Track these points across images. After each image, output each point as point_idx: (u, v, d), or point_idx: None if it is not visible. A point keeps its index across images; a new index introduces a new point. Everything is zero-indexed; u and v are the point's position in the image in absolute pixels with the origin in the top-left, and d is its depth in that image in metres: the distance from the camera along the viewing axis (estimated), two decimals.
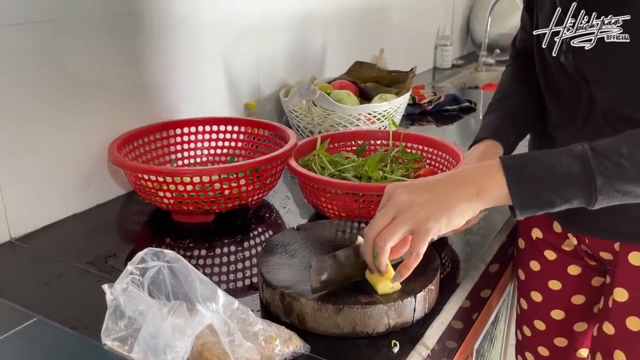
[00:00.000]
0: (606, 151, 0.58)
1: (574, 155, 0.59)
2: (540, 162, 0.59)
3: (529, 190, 0.58)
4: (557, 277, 0.91)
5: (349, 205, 0.87)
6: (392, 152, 1.05)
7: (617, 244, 0.79)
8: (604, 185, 0.57)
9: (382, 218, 0.60)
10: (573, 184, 0.58)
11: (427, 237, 0.58)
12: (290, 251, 0.73)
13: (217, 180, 0.88)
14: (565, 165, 0.58)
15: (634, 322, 0.77)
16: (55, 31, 0.88)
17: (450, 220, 0.58)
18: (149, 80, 1.07)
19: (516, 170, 0.59)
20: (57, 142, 0.92)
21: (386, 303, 0.61)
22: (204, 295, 0.48)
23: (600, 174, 0.57)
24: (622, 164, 0.57)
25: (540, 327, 0.95)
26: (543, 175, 0.58)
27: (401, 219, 0.59)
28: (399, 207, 0.59)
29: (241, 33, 1.27)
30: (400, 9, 1.95)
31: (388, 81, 1.45)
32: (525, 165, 0.59)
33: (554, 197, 0.58)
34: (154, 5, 1.05)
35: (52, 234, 0.91)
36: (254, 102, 1.32)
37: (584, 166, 0.57)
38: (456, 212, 0.59)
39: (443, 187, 0.60)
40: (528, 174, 0.59)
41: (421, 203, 0.58)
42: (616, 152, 0.58)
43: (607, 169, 0.57)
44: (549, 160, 0.59)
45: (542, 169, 0.59)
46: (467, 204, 0.59)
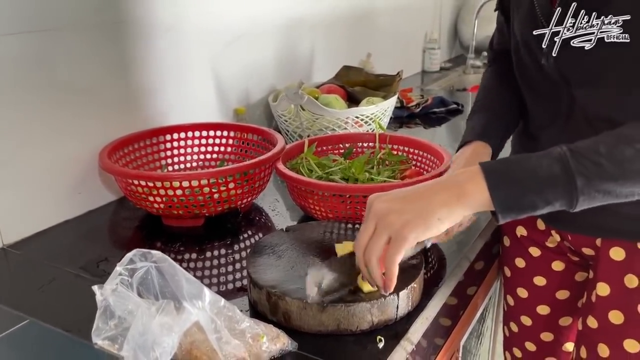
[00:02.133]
0: (585, 152, 0.59)
1: (553, 157, 0.59)
2: (520, 166, 0.60)
3: (510, 193, 0.58)
4: (541, 273, 0.93)
5: (337, 206, 0.89)
6: (378, 154, 1.07)
7: (599, 240, 0.81)
8: (585, 186, 0.58)
9: (365, 231, 0.60)
10: (554, 185, 0.58)
11: (403, 244, 0.58)
12: (278, 252, 0.75)
13: (207, 185, 0.90)
14: (545, 168, 0.58)
15: (616, 315, 0.79)
16: (46, 41, 0.90)
17: (428, 226, 0.58)
18: (138, 87, 1.09)
19: (497, 175, 0.59)
20: (48, 150, 0.93)
21: (369, 301, 0.63)
22: (191, 294, 0.49)
23: (580, 174, 0.57)
24: (601, 164, 0.58)
25: (527, 322, 0.97)
26: (524, 178, 0.59)
27: (381, 227, 0.59)
28: (378, 216, 0.59)
29: (230, 39, 1.29)
30: (388, 13, 1.98)
31: (375, 85, 1.47)
32: (505, 169, 0.60)
33: (536, 200, 0.58)
34: (143, 14, 1.06)
35: (44, 240, 0.92)
36: (243, 107, 1.34)
37: (563, 167, 0.58)
38: (435, 217, 0.58)
39: (422, 194, 0.60)
40: (509, 178, 0.59)
41: (398, 210, 0.58)
42: (595, 152, 0.59)
43: (587, 168, 0.58)
44: (529, 163, 0.60)
45: (522, 172, 0.59)
46: (447, 209, 0.59)
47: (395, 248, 0.58)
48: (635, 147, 0.59)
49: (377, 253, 0.59)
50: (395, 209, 0.59)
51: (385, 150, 1.08)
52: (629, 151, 0.58)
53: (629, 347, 0.78)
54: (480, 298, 0.98)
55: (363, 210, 0.88)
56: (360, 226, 0.67)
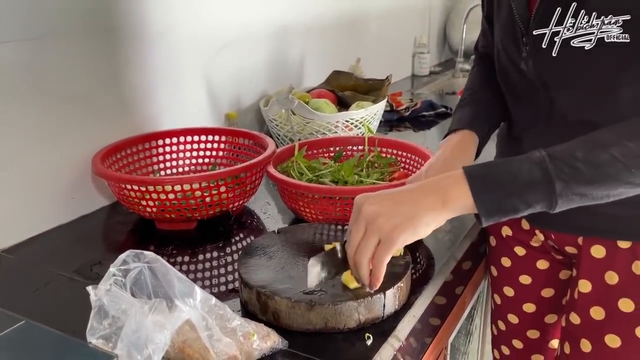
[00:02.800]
0: (563, 156, 0.61)
1: (533, 162, 0.61)
2: (502, 171, 0.62)
3: (493, 197, 0.61)
4: (527, 272, 0.96)
5: (326, 208, 0.91)
6: (367, 157, 1.09)
7: (580, 239, 0.84)
8: (563, 189, 0.60)
9: (356, 233, 0.62)
10: (534, 189, 0.60)
11: (392, 247, 0.60)
12: (269, 253, 0.77)
13: (199, 188, 0.91)
14: (526, 173, 0.60)
15: (597, 311, 0.82)
16: (38, 49, 0.91)
17: (416, 230, 0.60)
18: (131, 93, 1.10)
19: (480, 179, 0.61)
20: (41, 156, 0.95)
21: (356, 300, 0.65)
22: (182, 292, 0.51)
23: (559, 179, 0.60)
24: (578, 168, 0.60)
25: (514, 320, 0.99)
26: (505, 182, 0.61)
27: (371, 230, 0.61)
28: (367, 219, 0.61)
29: (221, 45, 1.31)
30: (377, 19, 2.01)
31: (365, 89, 1.49)
32: (488, 173, 0.62)
33: (518, 203, 0.60)
34: (135, 20, 1.08)
35: (38, 245, 0.93)
36: (235, 112, 1.36)
37: (543, 172, 0.60)
38: (422, 222, 0.60)
39: (409, 197, 0.62)
40: (491, 182, 0.61)
41: (388, 214, 0.60)
42: (572, 156, 0.61)
43: (565, 173, 0.60)
44: (510, 167, 0.62)
45: (504, 177, 0.61)
46: (434, 213, 0.61)
47: (384, 250, 0.60)
48: (610, 152, 0.61)
49: (368, 254, 0.61)
50: (384, 212, 0.61)
51: (374, 153, 1.10)
52: (604, 156, 0.61)
53: (610, 342, 0.80)
54: (468, 297, 1.00)
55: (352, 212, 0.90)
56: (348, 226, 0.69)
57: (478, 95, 0.94)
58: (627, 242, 0.78)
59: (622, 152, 0.61)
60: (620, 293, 0.79)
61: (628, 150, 0.61)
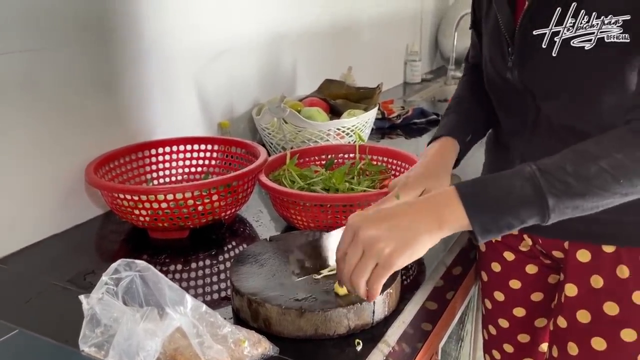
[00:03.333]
0: (553, 170, 0.62)
1: (524, 177, 0.62)
2: (494, 188, 0.62)
3: (487, 217, 0.61)
4: (516, 277, 0.97)
5: (318, 216, 0.92)
6: (358, 164, 1.10)
7: (567, 243, 0.85)
8: (555, 204, 0.61)
9: (353, 256, 0.62)
10: (528, 206, 0.61)
11: (391, 270, 0.61)
12: (261, 261, 0.78)
13: (191, 197, 0.92)
14: (518, 189, 0.61)
15: (583, 315, 0.83)
16: (33, 60, 0.92)
17: (414, 252, 0.61)
18: (124, 103, 1.11)
19: (473, 199, 0.61)
20: (35, 165, 0.95)
21: (345, 306, 0.66)
22: (173, 300, 0.52)
23: (550, 194, 0.61)
24: (569, 182, 0.61)
25: (504, 325, 1.01)
26: (499, 200, 0.61)
27: (369, 255, 0.61)
28: (366, 243, 0.61)
29: (213, 55, 1.32)
30: (369, 27, 2.03)
31: (356, 97, 1.51)
32: (480, 192, 0.62)
33: (512, 220, 0.61)
34: (127, 30, 1.09)
35: (32, 255, 0.94)
36: (227, 121, 1.37)
37: (535, 188, 0.61)
38: (420, 245, 0.61)
39: (406, 220, 0.62)
40: (484, 201, 0.62)
41: (386, 238, 0.60)
42: (563, 170, 0.62)
43: (556, 188, 0.61)
44: (501, 184, 0.62)
45: (497, 194, 0.62)
46: (429, 235, 0.61)
47: (382, 273, 0.61)
48: (599, 165, 0.62)
49: (366, 277, 0.62)
50: (382, 236, 0.61)
51: (365, 161, 1.11)
52: (593, 169, 0.62)
53: (596, 345, 0.82)
54: (459, 302, 1.01)
55: (344, 219, 0.91)
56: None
57: (463, 104, 0.97)
58: (611, 247, 0.80)
59: (610, 164, 0.62)
60: (605, 296, 0.81)
61: (616, 162, 0.62)
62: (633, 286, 0.79)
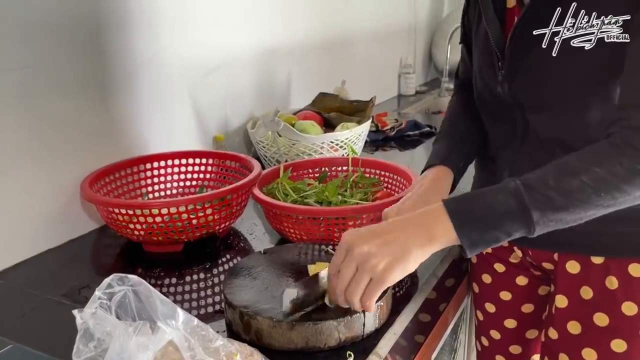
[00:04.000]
0: (536, 185, 0.64)
1: (509, 192, 0.64)
2: (480, 203, 0.65)
3: (474, 232, 0.63)
4: (507, 288, 0.98)
5: (311, 228, 0.93)
6: (351, 177, 1.12)
7: (556, 255, 0.86)
8: (540, 218, 0.63)
9: (347, 272, 0.64)
10: (513, 220, 0.63)
11: (385, 285, 0.63)
12: (254, 274, 0.79)
13: (185, 211, 0.93)
14: (503, 204, 0.64)
15: (573, 326, 0.84)
16: (28, 76, 0.94)
17: (406, 268, 0.63)
18: (119, 117, 1.13)
19: (460, 214, 0.64)
20: (31, 180, 0.96)
21: (336, 319, 0.67)
22: (165, 314, 0.53)
23: (534, 208, 0.63)
24: (551, 196, 0.63)
25: (496, 336, 1.01)
26: (485, 215, 0.64)
27: (364, 270, 0.63)
28: (359, 260, 0.63)
29: (208, 69, 1.34)
30: (363, 40, 2.05)
31: (350, 110, 1.53)
32: (467, 207, 0.65)
33: (498, 234, 0.64)
34: (123, 45, 1.11)
35: (27, 269, 0.94)
36: (222, 135, 1.39)
37: (519, 202, 0.63)
38: (412, 259, 0.63)
39: (398, 236, 0.64)
40: (471, 217, 0.64)
41: (379, 254, 0.62)
42: (545, 185, 0.64)
43: (540, 202, 0.63)
44: (487, 199, 0.65)
45: (483, 210, 0.64)
46: (421, 250, 0.64)
47: (376, 289, 0.63)
48: (580, 179, 0.64)
49: (360, 292, 0.63)
50: (376, 252, 0.63)
51: (358, 174, 1.12)
52: (575, 183, 0.64)
53: (587, 355, 0.82)
54: (451, 314, 1.02)
55: (336, 232, 0.92)
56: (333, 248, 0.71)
57: (454, 127, 0.97)
58: (600, 258, 0.81)
59: (591, 178, 0.64)
60: (595, 308, 0.82)
61: (596, 176, 0.64)
62: (622, 297, 0.80)
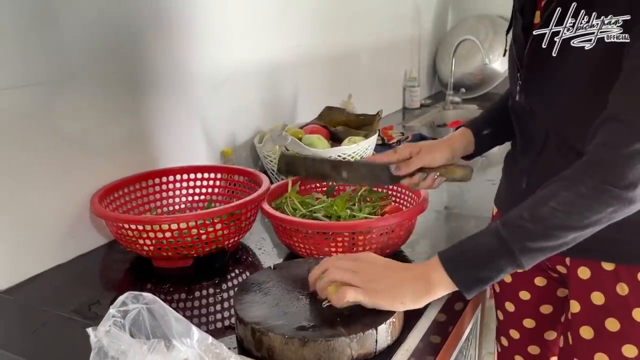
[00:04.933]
0: (512, 220, 0.68)
1: (490, 233, 0.68)
2: (468, 248, 0.70)
3: (466, 275, 0.68)
4: (526, 288, 0.99)
5: (320, 243, 0.93)
6: (359, 191, 1.12)
7: (568, 259, 0.87)
8: (521, 250, 0.66)
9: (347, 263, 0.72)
10: (498, 257, 0.67)
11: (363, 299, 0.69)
12: (265, 289, 0.79)
13: (195, 226, 0.94)
14: (486, 245, 0.68)
15: (586, 331, 0.85)
16: (41, 93, 0.95)
17: (392, 306, 0.70)
18: (129, 134, 1.13)
19: (452, 262, 0.69)
20: (40, 196, 0.97)
21: (348, 335, 0.66)
22: (179, 332, 0.53)
23: (512, 241, 0.66)
24: (526, 227, 0.66)
25: (515, 336, 1.02)
26: (471, 259, 0.68)
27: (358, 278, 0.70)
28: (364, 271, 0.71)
29: (216, 84, 1.35)
30: (368, 54, 2.07)
31: (357, 124, 1.53)
32: (457, 254, 0.70)
33: (489, 273, 0.67)
34: (134, 63, 1.12)
35: (37, 285, 0.94)
36: (230, 149, 1.39)
37: (499, 240, 0.67)
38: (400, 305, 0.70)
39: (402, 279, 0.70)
40: (461, 262, 0.69)
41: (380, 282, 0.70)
42: (520, 218, 0.67)
43: (517, 234, 0.66)
44: (474, 243, 0.69)
45: (469, 253, 0.69)
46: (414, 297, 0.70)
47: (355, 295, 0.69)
48: (549, 205, 0.66)
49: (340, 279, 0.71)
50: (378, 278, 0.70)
51: (366, 187, 1.12)
52: (545, 209, 0.66)
53: None
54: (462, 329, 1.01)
55: (346, 247, 0.92)
56: None
57: (494, 106, 1.04)
58: (610, 264, 0.81)
59: (559, 202, 0.66)
60: (606, 313, 0.82)
61: (564, 199, 0.66)
62: (633, 303, 0.80)
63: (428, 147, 0.96)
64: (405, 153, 0.95)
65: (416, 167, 0.94)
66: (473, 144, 1.00)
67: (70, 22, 0.98)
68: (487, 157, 1.58)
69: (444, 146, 0.97)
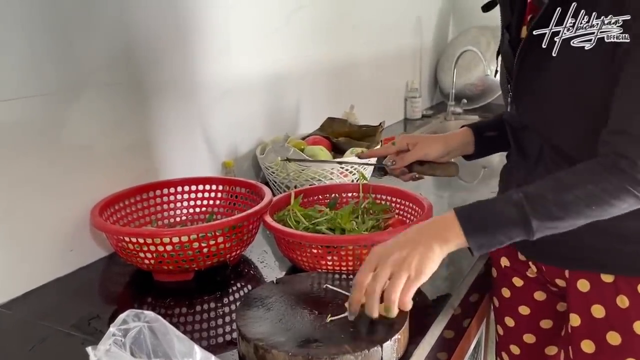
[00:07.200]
0: (537, 198, 0.71)
1: (512, 202, 0.71)
2: (486, 211, 0.73)
3: (480, 235, 0.71)
4: (525, 303, 0.98)
5: (324, 257, 0.92)
6: (362, 204, 1.10)
7: (567, 272, 0.86)
8: (538, 225, 0.70)
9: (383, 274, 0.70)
10: (514, 227, 0.70)
11: (421, 279, 0.70)
12: (267, 304, 0.77)
13: (196, 239, 0.92)
14: (507, 213, 0.71)
15: (587, 345, 0.84)
16: (41, 105, 0.94)
17: (434, 261, 0.71)
18: (130, 145, 1.12)
19: (468, 220, 0.72)
20: (40, 208, 0.96)
21: (353, 353, 0.65)
22: (182, 352, 0.51)
23: (534, 218, 0.70)
24: (549, 208, 0.70)
25: (516, 351, 1.01)
26: (491, 223, 0.71)
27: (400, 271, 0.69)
28: (394, 263, 0.70)
29: (218, 95, 1.34)
30: (369, 66, 2.06)
31: (359, 135, 1.53)
32: (474, 215, 0.72)
33: (501, 238, 0.71)
34: (135, 74, 1.11)
35: (36, 299, 0.93)
36: (231, 160, 1.38)
37: (521, 213, 0.70)
38: (436, 256, 0.71)
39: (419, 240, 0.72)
40: (478, 223, 0.72)
41: (411, 255, 0.70)
42: (544, 198, 0.70)
43: (539, 213, 0.70)
44: (493, 207, 0.72)
45: (488, 216, 0.72)
46: (440, 249, 0.71)
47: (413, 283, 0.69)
48: (575, 193, 0.70)
49: (399, 290, 0.69)
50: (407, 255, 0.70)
51: (369, 200, 1.11)
52: (570, 197, 0.70)
53: None
54: (467, 342, 1.00)
55: (350, 261, 0.91)
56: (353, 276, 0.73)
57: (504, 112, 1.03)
58: (610, 276, 0.81)
59: (584, 193, 0.70)
60: (607, 327, 0.81)
61: (588, 192, 0.70)
62: (634, 316, 0.80)
63: (424, 140, 1.00)
64: (403, 144, 1.01)
65: (410, 161, 1.00)
66: (473, 144, 1.01)
67: (80, 33, 0.98)
68: (491, 168, 1.58)
69: (439, 142, 1.00)
